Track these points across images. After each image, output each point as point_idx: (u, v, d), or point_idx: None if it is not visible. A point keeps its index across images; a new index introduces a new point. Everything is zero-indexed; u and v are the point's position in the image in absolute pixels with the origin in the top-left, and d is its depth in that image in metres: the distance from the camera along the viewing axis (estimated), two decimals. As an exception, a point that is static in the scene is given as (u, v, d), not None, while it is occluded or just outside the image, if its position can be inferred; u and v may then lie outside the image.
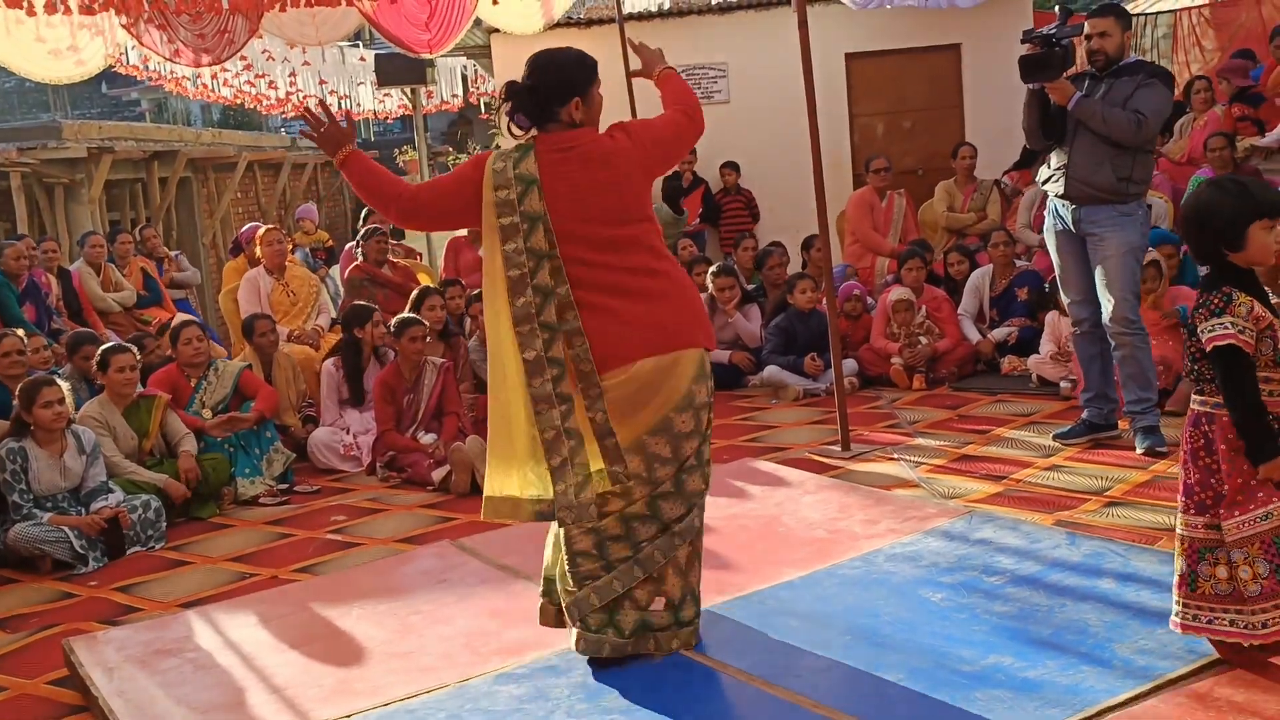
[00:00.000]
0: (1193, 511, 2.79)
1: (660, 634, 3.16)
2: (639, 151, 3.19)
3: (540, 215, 3.08)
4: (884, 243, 8.54)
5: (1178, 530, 2.83)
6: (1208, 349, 2.72)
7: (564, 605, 3.21)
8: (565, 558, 3.18)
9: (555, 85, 3.18)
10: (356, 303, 7.10)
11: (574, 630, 3.19)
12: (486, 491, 3.18)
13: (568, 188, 3.10)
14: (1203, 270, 2.95)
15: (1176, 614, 2.82)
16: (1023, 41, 5.01)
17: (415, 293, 6.83)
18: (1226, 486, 2.71)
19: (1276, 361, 2.70)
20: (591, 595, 3.13)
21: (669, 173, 9.43)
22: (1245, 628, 2.69)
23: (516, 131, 3.24)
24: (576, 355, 3.07)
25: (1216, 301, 2.71)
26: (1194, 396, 2.83)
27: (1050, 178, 5.17)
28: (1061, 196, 5.10)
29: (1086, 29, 5.06)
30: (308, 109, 3.41)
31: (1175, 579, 2.83)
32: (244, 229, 9.23)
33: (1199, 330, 2.74)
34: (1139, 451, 5.03)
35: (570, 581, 3.17)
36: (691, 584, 3.21)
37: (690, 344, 3.15)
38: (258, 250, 7.68)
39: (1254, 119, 8.53)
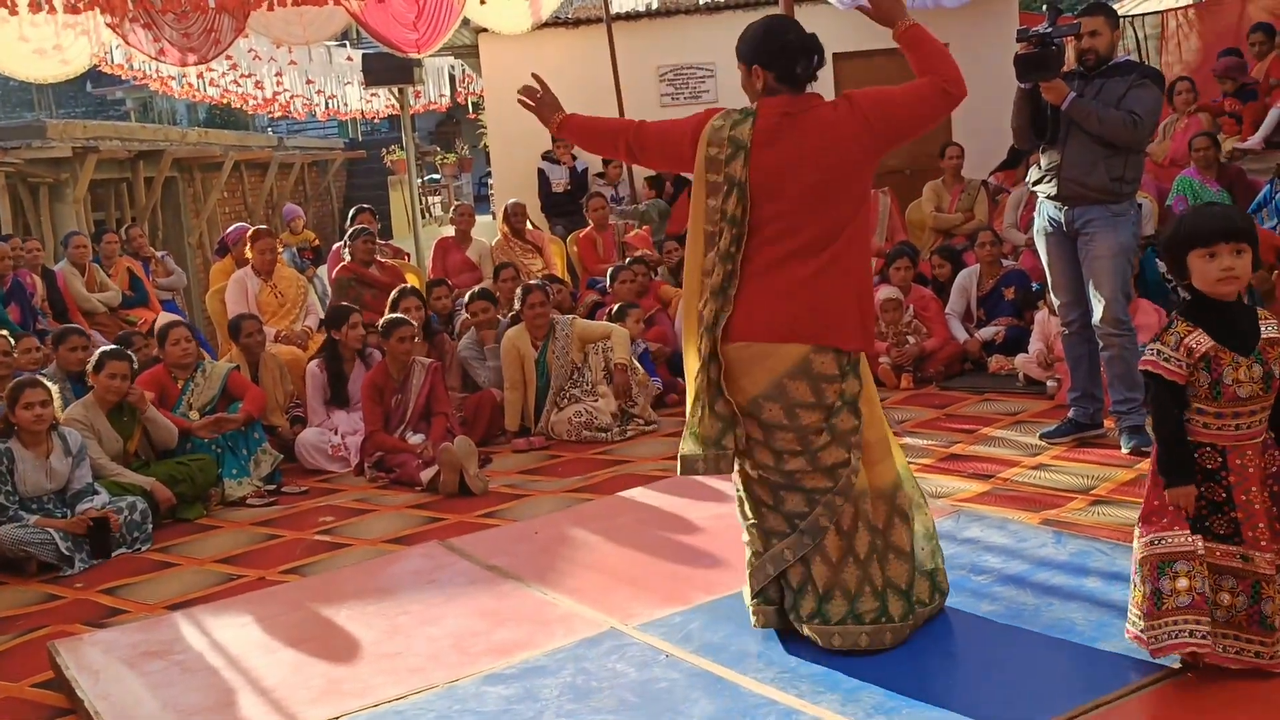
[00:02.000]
0: (1139, 524, 2.88)
1: (823, 627, 3.11)
2: (857, 124, 3.08)
3: (740, 182, 3.11)
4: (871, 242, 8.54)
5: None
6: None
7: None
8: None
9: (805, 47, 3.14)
10: (336, 304, 7.08)
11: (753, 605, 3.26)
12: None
13: (776, 158, 3.09)
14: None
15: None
16: (1018, 40, 4.94)
17: (393, 294, 6.82)
18: (1147, 505, 2.82)
19: (1214, 395, 2.74)
20: (755, 576, 3.22)
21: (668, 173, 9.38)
22: (1142, 633, 2.78)
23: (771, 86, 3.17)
24: (720, 322, 3.12)
25: (1166, 327, 2.81)
26: None
27: (1041, 179, 5.13)
28: (1053, 198, 5.08)
29: (1081, 28, 5.04)
30: (527, 86, 3.52)
31: None
32: (230, 229, 9.20)
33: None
34: (1125, 450, 5.05)
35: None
36: (844, 580, 3.11)
37: (798, 338, 3.08)
38: (247, 251, 7.65)
39: (1237, 115, 8.57)
